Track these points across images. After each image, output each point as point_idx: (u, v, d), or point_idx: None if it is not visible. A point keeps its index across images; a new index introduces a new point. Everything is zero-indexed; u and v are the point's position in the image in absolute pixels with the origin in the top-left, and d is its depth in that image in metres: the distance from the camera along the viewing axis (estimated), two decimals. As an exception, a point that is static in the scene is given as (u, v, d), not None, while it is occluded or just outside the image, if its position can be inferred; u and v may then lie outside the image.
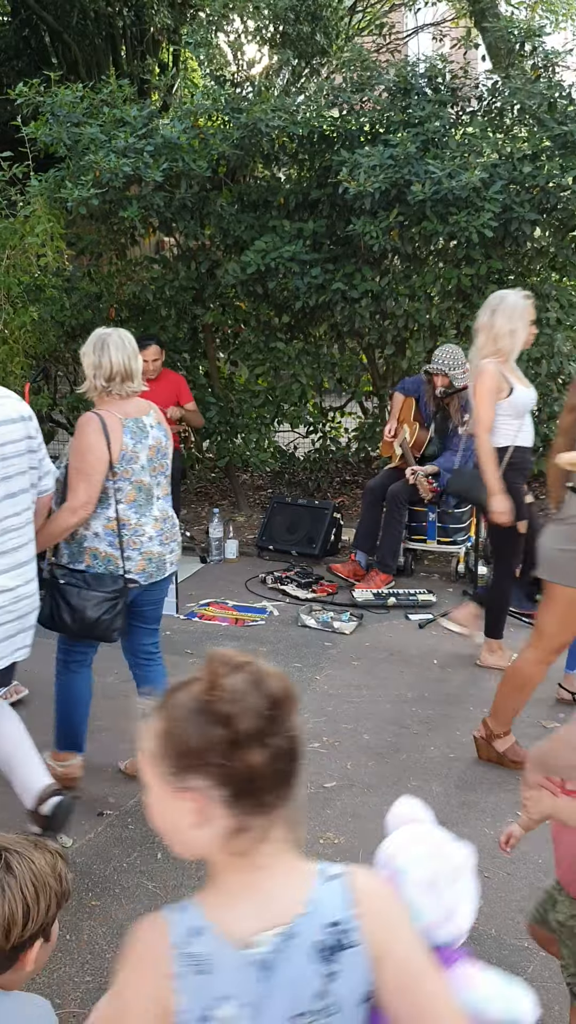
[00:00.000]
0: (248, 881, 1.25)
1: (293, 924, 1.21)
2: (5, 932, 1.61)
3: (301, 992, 1.19)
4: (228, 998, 1.18)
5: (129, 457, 3.49)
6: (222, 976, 1.18)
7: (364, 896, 1.24)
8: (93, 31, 12.66)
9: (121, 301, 8.05)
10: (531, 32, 7.29)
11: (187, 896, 1.29)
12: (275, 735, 1.21)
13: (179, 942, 1.21)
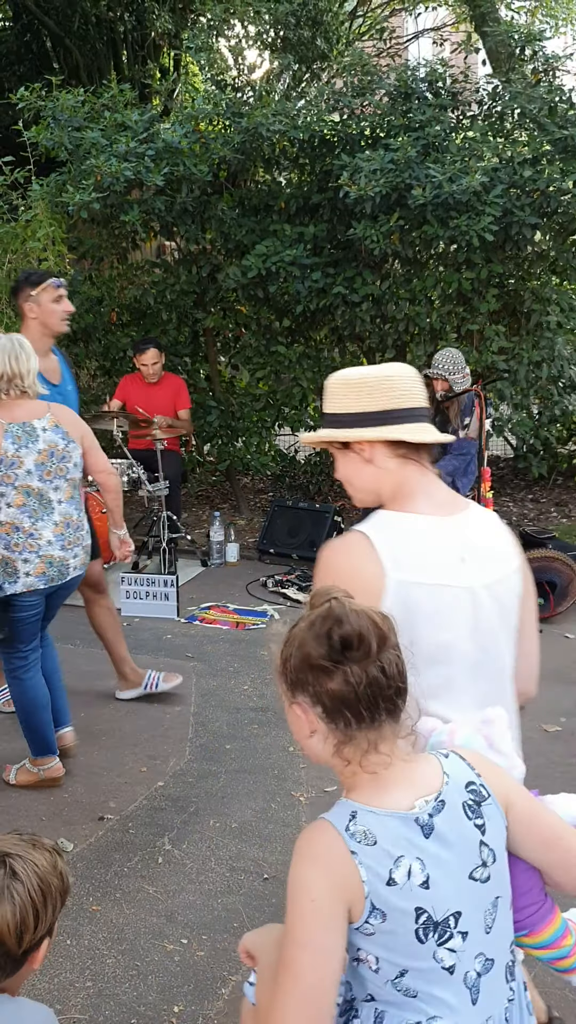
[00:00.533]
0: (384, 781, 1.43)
1: (442, 791, 1.42)
2: (18, 938, 1.62)
3: (470, 848, 1.40)
4: (402, 857, 1.35)
5: (10, 462, 3.45)
6: (390, 840, 1.36)
7: (476, 760, 1.48)
8: (94, 36, 12.67)
9: (122, 305, 8.06)
10: (531, 37, 7.31)
11: (188, 900, 1.29)
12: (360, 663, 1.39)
13: (344, 826, 1.38)
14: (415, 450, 1.86)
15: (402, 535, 1.76)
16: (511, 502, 8.31)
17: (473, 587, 1.79)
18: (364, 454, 1.87)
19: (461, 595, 1.77)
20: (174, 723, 4.39)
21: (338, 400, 1.88)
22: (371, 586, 1.71)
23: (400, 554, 1.73)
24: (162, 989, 2.67)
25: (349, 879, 1.33)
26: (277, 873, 3.21)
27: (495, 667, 1.85)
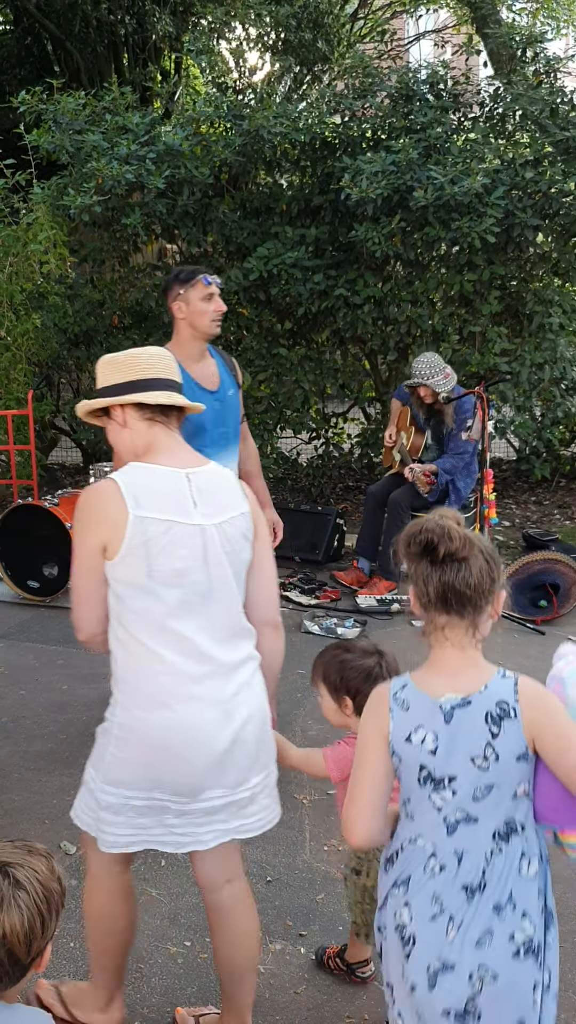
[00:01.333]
0: (441, 662, 1.88)
1: (473, 696, 1.81)
2: (27, 945, 1.62)
3: (476, 742, 1.79)
4: (421, 726, 1.82)
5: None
6: (417, 712, 1.83)
7: (525, 690, 1.81)
8: (95, 39, 12.69)
9: (124, 308, 8.06)
10: (532, 38, 7.32)
11: (191, 902, 1.28)
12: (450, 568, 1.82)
13: (393, 691, 1.87)
14: (162, 414, 2.23)
15: (144, 480, 2.13)
16: (514, 504, 8.30)
17: (203, 525, 2.16)
18: (119, 419, 2.25)
19: (192, 531, 2.14)
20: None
21: (100, 378, 2.27)
22: (116, 520, 2.09)
23: (141, 495, 2.11)
24: (165, 991, 2.66)
25: (385, 728, 1.84)
26: (280, 876, 3.20)
27: (224, 593, 2.20)
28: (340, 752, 2.44)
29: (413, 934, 1.81)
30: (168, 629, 2.14)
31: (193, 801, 2.19)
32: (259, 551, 2.32)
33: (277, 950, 2.84)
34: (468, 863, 1.81)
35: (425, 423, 6.21)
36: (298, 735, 4.27)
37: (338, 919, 2.98)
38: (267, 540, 2.36)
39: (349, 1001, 2.63)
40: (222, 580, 2.19)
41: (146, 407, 2.22)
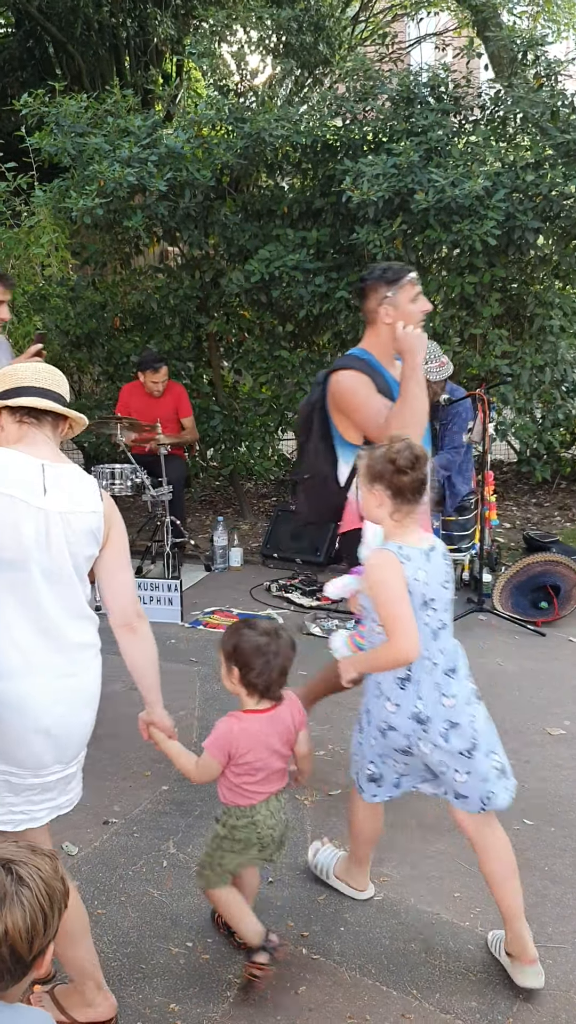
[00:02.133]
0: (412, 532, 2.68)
1: (436, 543, 2.75)
2: (29, 943, 1.63)
3: (443, 572, 2.71)
4: (419, 568, 2.62)
5: None
6: (414, 561, 2.62)
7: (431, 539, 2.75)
8: (97, 42, 12.71)
9: (125, 310, 8.07)
10: (533, 41, 7.32)
11: (192, 903, 1.29)
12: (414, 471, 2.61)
13: (397, 551, 2.61)
14: (31, 416, 2.42)
15: (2, 462, 2.30)
16: (515, 506, 8.31)
17: (47, 510, 2.31)
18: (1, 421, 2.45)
19: (35, 512, 2.30)
20: (178, 727, 4.36)
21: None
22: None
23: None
24: (167, 992, 2.67)
25: (403, 573, 2.57)
26: (282, 877, 3.21)
27: (63, 575, 2.35)
28: (216, 737, 2.62)
29: (429, 715, 2.65)
30: (13, 602, 2.29)
31: (35, 775, 2.33)
32: (112, 560, 2.51)
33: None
34: (446, 655, 2.71)
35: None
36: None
37: (340, 919, 2.99)
38: (123, 551, 2.54)
39: (351, 1001, 2.63)
40: (62, 565, 2.34)
41: (15, 410, 2.41)
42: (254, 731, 2.61)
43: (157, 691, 2.69)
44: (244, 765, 2.61)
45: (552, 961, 2.79)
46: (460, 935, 2.92)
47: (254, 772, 2.62)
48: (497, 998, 2.64)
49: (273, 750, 2.64)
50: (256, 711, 2.65)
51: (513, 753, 4.07)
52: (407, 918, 3.00)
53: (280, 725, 2.66)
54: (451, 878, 3.21)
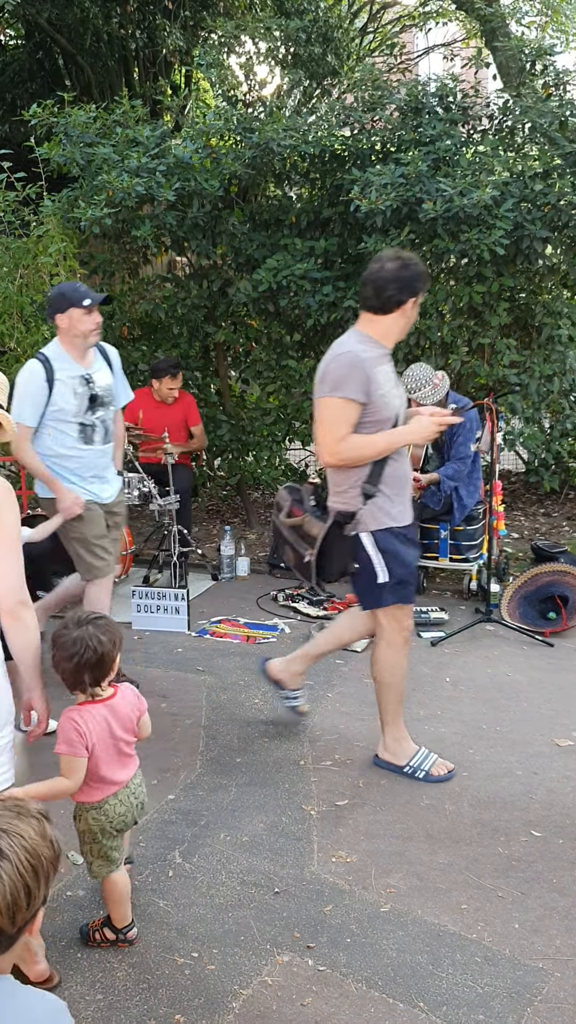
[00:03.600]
0: None
1: None
2: (11, 918, 1.55)
3: None
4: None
5: None
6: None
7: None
8: (106, 53, 12.77)
9: (133, 320, 8.09)
10: (542, 51, 7.33)
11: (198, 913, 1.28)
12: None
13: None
14: None
15: None
16: (523, 516, 8.29)
17: None
18: None
19: None
20: (185, 736, 4.38)
21: None
22: None
23: None
24: (172, 1002, 2.65)
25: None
26: (288, 887, 3.19)
27: None
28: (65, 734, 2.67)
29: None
30: None
31: None
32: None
33: (284, 961, 2.83)
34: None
35: None
36: (306, 745, 4.27)
37: (346, 931, 2.97)
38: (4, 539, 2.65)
39: (357, 1014, 2.62)
40: None
41: None
42: (97, 719, 2.71)
43: (35, 676, 2.70)
44: (92, 758, 2.70)
45: (560, 974, 2.77)
46: (467, 947, 2.90)
47: (101, 762, 2.72)
48: (504, 1011, 2.62)
49: (116, 737, 2.75)
50: (92, 702, 2.75)
51: (520, 764, 4.06)
52: (414, 930, 2.98)
53: (120, 712, 2.76)
54: (458, 890, 3.19)
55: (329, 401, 3.71)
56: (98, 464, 4.70)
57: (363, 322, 3.79)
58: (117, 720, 2.75)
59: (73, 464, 4.61)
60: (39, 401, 4.47)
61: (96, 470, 4.69)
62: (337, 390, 3.64)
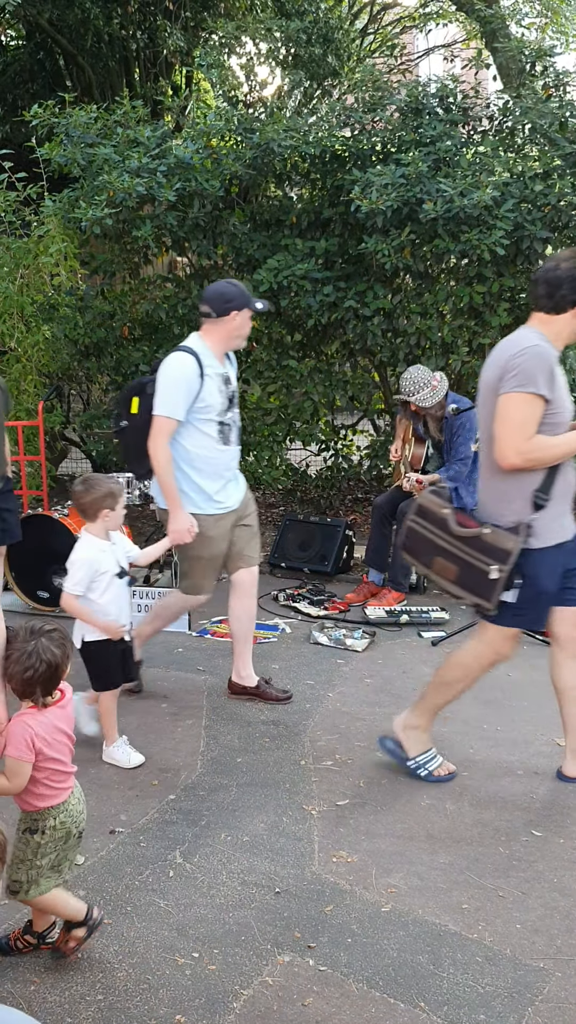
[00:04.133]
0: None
1: None
2: None
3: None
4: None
5: None
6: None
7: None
8: (107, 54, 12.78)
9: (134, 320, 8.09)
10: (541, 52, 7.34)
11: (199, 913, 1.28)
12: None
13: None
14: None
15: None
16: (523, 516, 8.28)
17: None
18: None
19: None
20: (185, 736, 4.38)
21: None
22: None
23: None
24: (173, 1003, 2.65)
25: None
26: (289, 887, 3.19)
27: None
28: (15, 739, 2.65)
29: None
30: None
31: None
32: None
33: (285, 962, 2.83)
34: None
35: (425, 433, 6.25)
36: (307, 745, 4.26)
37: (347, 931, 2.97)
38: None
39: (358, 1014, 2.61)
40: None
41: None
42: (48, 723, 2.71)
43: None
44: (52, 760, 2.70)
45: (561, 974, 2.77)
46: (468, 947, 2.90)
47: (60, 762, 2.73)
48: (505, 1011, 2.62)
49: (67, 735, 2.78)
50: (42, 708, 2.73)
51: (521, 763, 4.06)
52: (415, 930, 2.98)
53: (67, 711, 2.79)
54: (459, 890, 3.19)
55: (518, 397, 3.44)
56: (231, 466, 4.55)
57: (536, 322, 3.60)
58: (65, 720, 2.77)
59: (209, 467, 4.43)
60: (191, 394, 4.28)
61: (229, 472, 4.54)
62: (527, 384, 3.40)
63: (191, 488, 4.43)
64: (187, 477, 4.41)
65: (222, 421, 4.41)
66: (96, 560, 3.89)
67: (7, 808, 3.19)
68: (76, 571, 3.87)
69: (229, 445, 4.49)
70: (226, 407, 4.42)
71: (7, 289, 7.08)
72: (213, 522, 4.49)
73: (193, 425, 4.35)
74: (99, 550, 3.92)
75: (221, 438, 4.43)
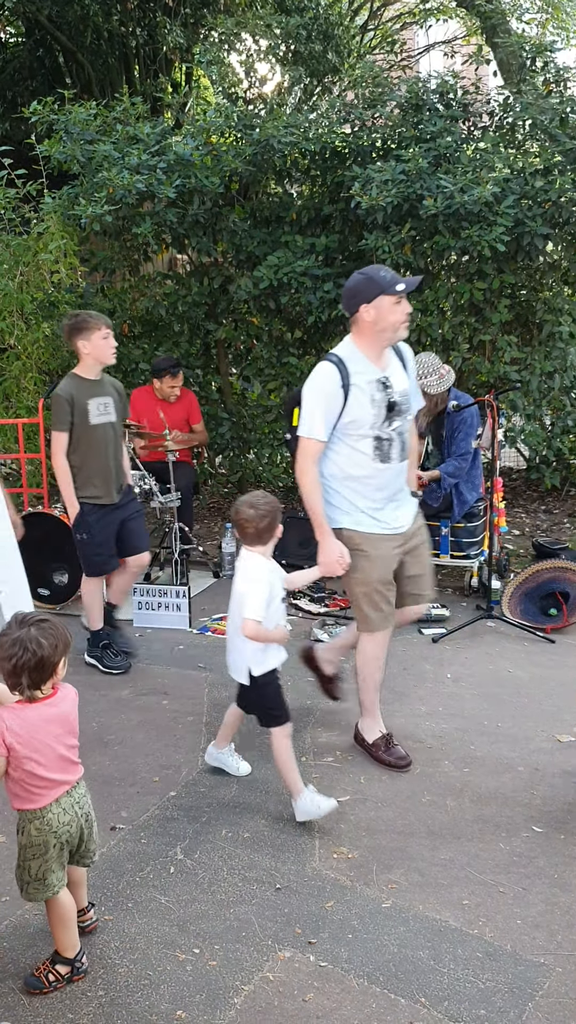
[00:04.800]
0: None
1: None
2: None
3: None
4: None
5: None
6: None
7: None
8: (107, 51, 12.76)
9: (134, 317, 8.09)
10: (542, 48, 7.33)
11: (200, 910, 1.28)
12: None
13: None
14: None
15: None
16: (524, 513, 8.29)
17: None
18: None
19: None
20: (186, 733, 4.38)
21: None
22: None
23: None
24: (174, 998, 2.65)
25: None
26: (289, 883, 3.19)
27: None
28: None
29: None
30: None
31: None
32: None
33: (286, 957, 2.83)
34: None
35: (426, 429, 6.24)
36: (308, 742, 4.27)
37: (348, 926, 2.97)
38: None
39: (359, 1009, 2.62)
40: None
41: None
42: (31, 719, 2.64)
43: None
44: (26, 759, 2.62)
45: (562, 969, 2.77)
46: (468, 943, 2.90)
47: (38, 764, 2.64)
48: (505, 1006, 2.62)
49: (55, 737, 2.68)
50: (29, 702, 2.67)
51: (522, 760, 4.06)
52: (415, 925, 2.98)
53: (61, 712, 2.71)
54: (459, 886, 3.19)
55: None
56: (393, 485, 3.94)
57: None
58: (57, 721, 2.68)
59: (365, 487, 3.88)
60: (333, 411, 3.77)
61: (391, 492, 3.93)
62: None
63: (346, 505, 3.92)
64: (339, 494, 3.92)
65: (378, 435, 3.81)
66: (270, 583, 3.57)
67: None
68: (256, 595, 3.49)
69: (389, 462, 3.87)
70: (382, 418, 3.80)
71: (7, 286, 7.08)
72: (374, 542, 3.91)
73: (343, 442, 3.85)
74: (270, 571, 3.60)
75: (378, 455, 3.84)
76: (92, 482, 5.00)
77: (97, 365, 5.06)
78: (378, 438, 3.82)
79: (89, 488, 5.00)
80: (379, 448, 3.83)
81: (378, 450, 3.83)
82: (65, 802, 2.71)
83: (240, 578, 3.62)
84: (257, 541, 3.58)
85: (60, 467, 4.95)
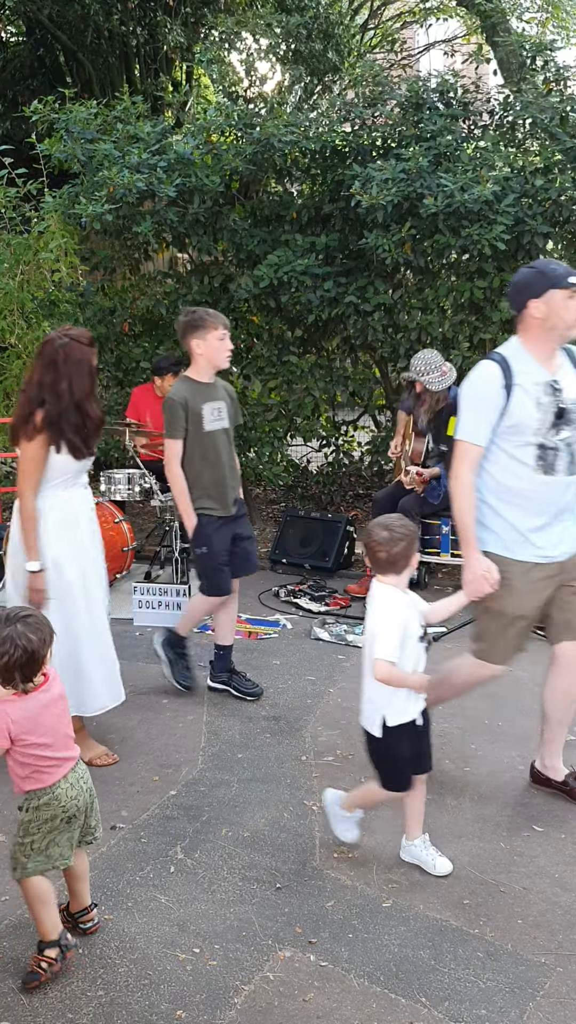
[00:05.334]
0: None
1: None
2: None
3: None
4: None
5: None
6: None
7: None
8: (107, 50, 12.76)
9: (135, 316, 8.08)
10: (542, 47, 7.32)
11: (200, 909, 1.28)
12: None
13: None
14: None
15: None
16: (524, 512, 8.28)
17: None
18: None
19: None
20: (187, 732, 4.38)
21: None
22: None
23: None
24: (174, 998, 2.65)
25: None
26: (290, 883, 3.19)
27: None
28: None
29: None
30: None
31: None
32: None
33: (286, 957, 2.82)
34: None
35: (427, 427, 6.24)
36: (308, 741, 4.26)
37: (348, 926, 2.97)
38: None
39: (359, 1009, 2.61)
40: None
41: None
42: (33, 709, 2.69)
43: None
44: (35, 745, 2.68)
45: (562, 969, 2.77)
46: (469, 942, 2.90)
47: (47, 746, 2.71)
48: (506, 1006, 2.62)
49: (56, 718, 2.75)
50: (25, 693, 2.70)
51: (522, 759, 4.06)
52: (416, 925, 2.98)
53: (55, 694, 2.76)
54: (460, 885, 3.19)
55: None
56: (558, 502, 3.50)
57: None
58: (55, 702, 2.75)
59: (524, 501, 3.49)
60: (494, 412, 3.44)
61: (554, 509, 3.51)
62: None
63: (498, 525, 3.54)
64: (493, 511, 3.54)
65: (543, 444, 3.43)
66: (404, 617, 3.16)
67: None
68: (390, 634, 3.11)
69: (554, 474, 3.46)
70: (548, 425, 3.42)
71: (7, 285, 7.08)
72: (523, 570, 3.52)
73: (501, 449, 3.49)
74: (405, 605, 3.19)
75: (541, 466, 3.44)
76: (208, 492, 4.57)
77: (211, 367, 4.70)
78: (542, 446, 3.43)
79: (204, 500, 4.57)
80: (542, 458, 3.44)
81: (541, 460, 3.44)
82: (72, 777, 2.79)
83: (370, 613, 3.24)
84: (390, 569, 3.17)
85: (175, 476, 4.51)
